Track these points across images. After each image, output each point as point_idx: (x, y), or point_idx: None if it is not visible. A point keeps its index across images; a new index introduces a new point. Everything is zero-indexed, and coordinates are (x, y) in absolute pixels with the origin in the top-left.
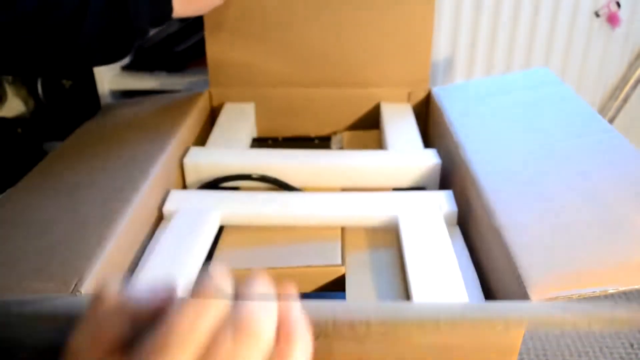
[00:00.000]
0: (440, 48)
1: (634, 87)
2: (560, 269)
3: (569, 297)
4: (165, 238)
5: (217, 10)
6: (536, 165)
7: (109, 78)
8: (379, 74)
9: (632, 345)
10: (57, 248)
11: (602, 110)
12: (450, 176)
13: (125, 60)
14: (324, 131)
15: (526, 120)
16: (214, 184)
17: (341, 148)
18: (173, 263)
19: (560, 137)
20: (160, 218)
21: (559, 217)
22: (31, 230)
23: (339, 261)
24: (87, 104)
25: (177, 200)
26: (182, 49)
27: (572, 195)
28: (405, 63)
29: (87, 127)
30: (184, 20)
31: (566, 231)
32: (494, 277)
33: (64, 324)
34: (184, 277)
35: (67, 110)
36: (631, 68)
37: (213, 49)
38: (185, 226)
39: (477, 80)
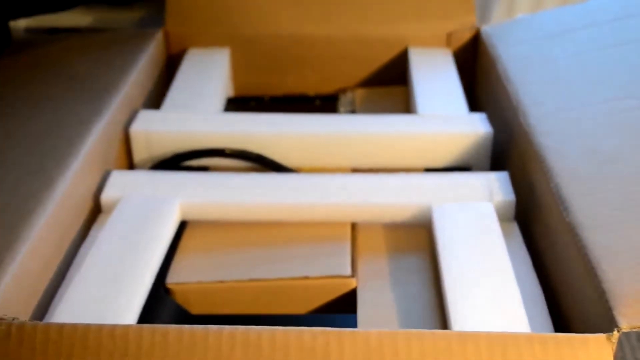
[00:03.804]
0: None
1: None
2: None
3: None
4: (104, 238)
5: None
6: (630, 134)
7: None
8: (406, 5)
9: None
10: None
11: None
12: (507, 152)
13: None
14: (328, 88)
15: (616, 68)
16: (173, 163)
17: (352, 111)
18: (115, 275)
19: None
20: (97, 210)
21: None
22: None
23: (348, 271)
24: None
25: (121, 185)
26: None
27: None
28: None
29: None
30: None
31: None
32: (565, 293)
33: None
34: (129, 295)
35: None
36: None
37: None
38: (131, 221)
39: (546, 12)
